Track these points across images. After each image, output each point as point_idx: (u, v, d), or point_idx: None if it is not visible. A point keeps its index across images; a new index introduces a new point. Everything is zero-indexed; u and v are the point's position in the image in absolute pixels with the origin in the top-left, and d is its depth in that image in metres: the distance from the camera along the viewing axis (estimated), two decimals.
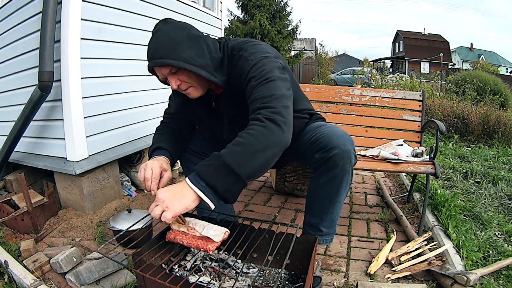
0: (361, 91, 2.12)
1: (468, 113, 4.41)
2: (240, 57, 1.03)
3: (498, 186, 2.36)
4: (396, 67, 23.74)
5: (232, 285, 0.94)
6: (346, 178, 1.11)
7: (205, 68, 0.99)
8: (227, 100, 1.13)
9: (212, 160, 0.84)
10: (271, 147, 0.87)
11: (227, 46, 1.09)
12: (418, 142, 1.97)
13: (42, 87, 1.55)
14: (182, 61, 0.95)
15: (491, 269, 1.33)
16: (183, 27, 1.01)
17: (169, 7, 2.36)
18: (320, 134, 1.11)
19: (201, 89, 1.06)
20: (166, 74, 1.00)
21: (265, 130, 0.87)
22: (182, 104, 1.25)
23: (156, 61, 0.96)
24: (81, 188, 1.77)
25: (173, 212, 0.82)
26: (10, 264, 1.27)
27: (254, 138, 0.85)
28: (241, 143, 0.85)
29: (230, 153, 0.83)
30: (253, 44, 1.06)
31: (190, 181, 0.84)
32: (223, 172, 0.82)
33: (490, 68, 16.37)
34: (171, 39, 0.96)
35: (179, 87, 1.02)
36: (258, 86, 0.95)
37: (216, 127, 1.23)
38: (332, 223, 1.23)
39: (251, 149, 0.84)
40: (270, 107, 0.90)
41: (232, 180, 0.83)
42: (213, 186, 0.82)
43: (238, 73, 1.02)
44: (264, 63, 0.99)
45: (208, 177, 0.82)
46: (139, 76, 2.14)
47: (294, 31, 12.38)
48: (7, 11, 1.92)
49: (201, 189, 0.83)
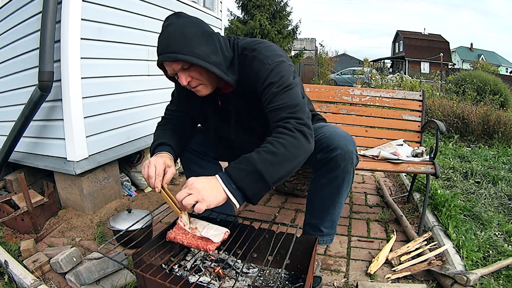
0: (361, 91, 2.12)
1: (468, 113, 4.41)
2: (254, 59, 1.01)
3: (498, 186, 2.36)
4: (396, 67, 23.75)
5: (232, 285, 0.94)
6: (348, 179, 1.12)
7: (219, 66, 0.98)
8: (236, 99, 1.11)
9: (244, 165, 0.86)
10: (298, 157, 0.91)
11: (237, 44, 1.07)
12: (418, 142, 1.97)
13: (42, 87, 1.55)
14: (195, 57, 0.93)
15: (491, 269, 1.33)
16: (196, 23, 0.98)
17: (169, 7, 2.36)
18: (322, 135, 1.11)
19: (211, 87, 1.04)
20: (177, 70, 0.97)
21: (295, 141, 0.90)
22: (186, 101, 1.23)
23: (168, 55, 0.93)
24: (81, 188, 1.77)
25: (207, 204, 0.83)
26: (10, 264, 1.27)
27: (284, 148, 0.88)
28: (272, 151, 0.87)
29: (262, 160, 0.86)
30: (265, 45, 1.05)
31: (222, 182, 0.86)
32: (255, 178, 0.85)
33: (490, 68, 16.37)
34: (185, 34, 0.93)
35: (189, 84, 1.00)
36: (280, 94, 0.96)
37: (221, 126, 1.21)
38: (332, 224, 1.24)
39: (281, 159, 0.88)
40: (298, 118, 0.94)
41: (261, 186, 0.86)
42: (244, 190, 0.85)
43: (252, 75, 1.01)
44: (281, 69, 1.00)
45: (240, 181, 0.85)
46: (139, 76, 2.14)
47: (294, 31, 12.38)
48: (7, 11, 1.92)
49: (232, 191, 0.85)
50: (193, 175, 1.40)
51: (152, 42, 2.19)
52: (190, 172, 1.34)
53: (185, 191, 0.85)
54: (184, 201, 0.83)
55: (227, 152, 1.37)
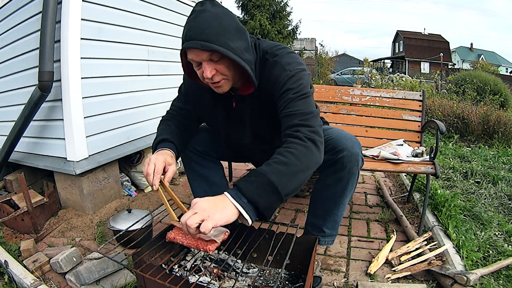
0: (361, 91, 2.12)
1: (468, 113, 4.41)
2: (276, 64, 0.99)
3: (498, 186, 2.36)
4: (396, 67, 23.75)
5: (232, 285, 0.94)
6: (352, 181, 1.12)
7: (250, 65, 0.94)
8: (254, 103, 1.07)
9: (255, 177, 0.82)
10: (310, 167, 0.88)
11: (259, 46, 1.04)
12: (418, 142, 1.97)
13: (42, 87, 1.55)
14: (230, 50, 0.88)
15: (491, 269, 1.33)
16: (232, 15, 0.94)
17: (169, 7, 2.36)
18: (329, 137, 1.11)
19: (231, 84, 1.00)
20: (203, 59, 0.90)
21: (307, 151, 0.87)
22: (194, 99, 1.19)
23: (202, 43, 0.86)
24: (81, 188, 1.77)
25: (214, 222, 0.76)
26: (10, 264, 1.27)
27: (296, 158, 0.85)
28: (284, 162, 0.84)
29: (274, 172, 0.82)
30: (287, 51, 1.03)
31: (231, 196, 0.80)
32: (267, 190, 0.81)
33: (490, 68, 16.38)
34: (221, 24, 0.88)
35: (213, 77, 0.94)
36: (296, 101, 0.95)
37: (233, 129, 1.17)
38: (335, 225, 1.24)
39: (294, 170, 0.84)
40: (309, 125, 0.91)
41: (274, 198, 0.82)
42: (256, 203, 0.80)
43: (272, 80, 0.99)
44: (301, 76, 0.98)
45: (251, 194, 0.80)
46: (139, 76, 2.14)
47: (294, 31, 12.40)
48: (7, 11, 1.92)
49: (243, 205, 0.79)
50: (194, 175, 1.39)
51: (152, 42, 2.19)
52: (191, 171, 1.34)
53: (189, 212, 0.79)
54: (189, 222, 0.75)
55: (229, 152, 1.37)
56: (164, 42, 2.30)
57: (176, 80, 1.14)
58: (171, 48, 2.37)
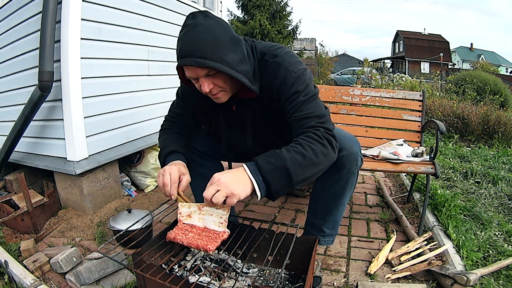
0: (361, 91, 2.12)
1: (468, 113, 4.41)
2: (279, 66, 0.99)
3: (498, 186, 2.36)
4: (396, 67, 23.76)
5: (232, 285, 0.94)
6: (352, 180, 1.12)
7: (247, 75, 0.95)
8: (255, 106, 1.07)
9: (275, 159, 0.86)
10: (322, 165, 0.92)
11: (256, 48, 1.03)
12: (418, 142, 1.97)
13: (42, 87, 1.55)
14: (225, 65, 0.88)
15: (491, 269, 1.33)
16: (225, 26, 0.93)
17: (169, 7, 2.36)
18: None
19: (231, 94, 1.01)
20: (200, 75, 0.92)
21: (324, 149, 0.91)
22: (193, 103, 1.19)
23: (197, 60, 0.86)
24: (81, 188, 1.77)
25: (238, 198, 0.82)
26: (10, 264, 1.27)
27: (313, 153, 0.88)
28: (302, 153, 0.87)
29: (292, 159, 0.85)
30: (285, 51, 1.03)
31: (250, 172, 0.85)
32: (282, 174, 0.85)
33: (490, 68, 16.37)
34: (215, 39, 0.88)
35: (211, 91, 0.95)
36: (308, 103, 0.97)
37: (233, 132, 1.17)
38: (335, 224, 1.24)
39: (309, 162, 0.88)
40: (327, 128, 0.95)
41: (286, 184, 0.86)
42: (269, 184, 0.85)
43: (277, 82, 0.99)
44: (306, 77, 1.00)
45: (268, 174, 0.84)
46: (139, 76, 2.14)
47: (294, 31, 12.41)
48: (7, 11, 1.92)
49: (258, 182, 0.84)
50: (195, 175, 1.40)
51: (152, 42, 2.19)
52: (191, 171, 1.34)
53: (212, 187, 0.83)
54: (214, 199, 0.82)
55: (229, 153, 1.37)
56: (164, 42, 2.30)
57: (176, 80, 1.14)
58: (171, 48, 2.37)
